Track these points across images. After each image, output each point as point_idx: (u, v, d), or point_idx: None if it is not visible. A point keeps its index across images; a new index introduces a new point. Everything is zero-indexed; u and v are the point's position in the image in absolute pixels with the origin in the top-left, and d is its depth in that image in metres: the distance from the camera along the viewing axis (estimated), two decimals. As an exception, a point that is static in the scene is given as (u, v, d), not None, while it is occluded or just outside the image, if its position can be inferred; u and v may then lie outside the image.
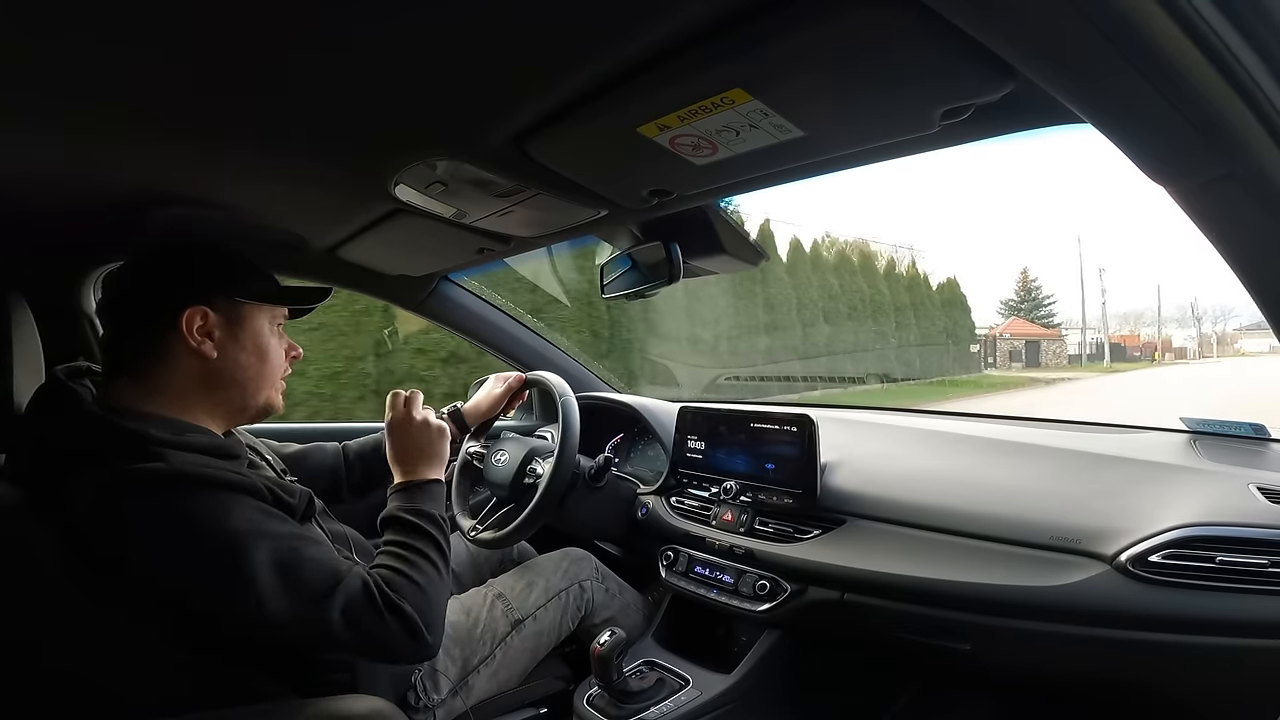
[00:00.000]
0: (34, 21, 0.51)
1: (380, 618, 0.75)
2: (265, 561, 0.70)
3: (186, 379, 0.79)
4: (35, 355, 0.86)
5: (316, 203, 1.01)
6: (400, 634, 0.76)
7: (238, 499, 0.73)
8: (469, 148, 0.78)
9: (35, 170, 0.83)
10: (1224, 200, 0.52)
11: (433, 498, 0.92)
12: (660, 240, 1.12)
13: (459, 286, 1.59)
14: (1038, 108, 0.62)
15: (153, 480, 0.69)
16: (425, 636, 0.78)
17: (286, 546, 0.73)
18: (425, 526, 0.87)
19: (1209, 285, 49.88)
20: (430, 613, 0.79)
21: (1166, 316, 42.74)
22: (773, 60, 0.55)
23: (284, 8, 0.51)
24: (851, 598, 1.03)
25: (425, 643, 0.78)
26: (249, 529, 0.71)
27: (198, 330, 0.79)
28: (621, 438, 1.39)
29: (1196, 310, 29.04)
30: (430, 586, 0.81)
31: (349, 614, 0.73)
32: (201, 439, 0.77)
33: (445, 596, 0.85)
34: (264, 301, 0.86)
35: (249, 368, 0.84)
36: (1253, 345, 28.90)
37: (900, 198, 49.80)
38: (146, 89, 0.63)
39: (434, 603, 0.81)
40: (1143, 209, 55.04)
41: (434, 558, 0.84)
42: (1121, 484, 0.97)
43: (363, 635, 0.74)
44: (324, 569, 0.75)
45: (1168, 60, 0.41)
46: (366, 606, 0.74)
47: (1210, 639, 0.80)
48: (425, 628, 0.78)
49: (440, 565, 0.85)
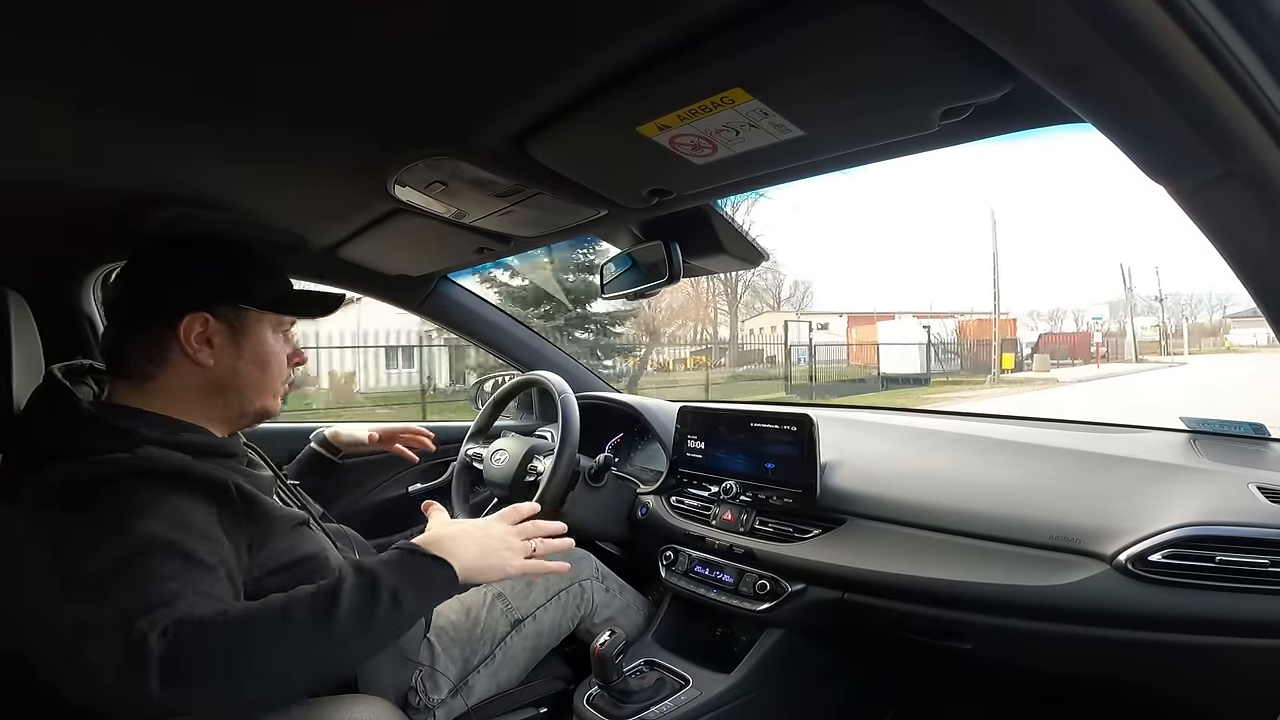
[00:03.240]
0: (35, 21, 0.51)
1: (103, 644, 0.56)
2: (121, 556, 0.60)
3: (184, 383, 0.78)
4: (35, 355, 0.86)
5: (316, 202, 1.01)
6: (110, 667, 0.55)
7: (183, 499, 0.67)
8: (469, 147, 0.78)
9: (35, 170, 0.83)
10: (1223, 199, 0.52)
11: (414, 572, 0.71)
12: (660, 240, 1.12)
13: (459, 286, 1.59)
14: (1037, 108, 0.62)
15: (96, 474, 0.66)
16: (148, 681, 0.54)
17: (161, 549, 0.62)
18: (344, 579, 0.66)
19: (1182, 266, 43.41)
20: (201, 657, 0.57)
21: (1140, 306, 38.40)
22: (773, 60, 0.56)
23: (284, 8, 0.51)
24: (852, 597, 1.03)
25: (143, 690, 0.54)
26: (153, 532, 0.62)
27: (196, 338, 0.77)
28: (621, 437, 1.39)
29: (1129, 281, 22.24)
30: (240, 629, 0.59)
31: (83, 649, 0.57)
32: (195, 438, 0.76)
33: (270, 655, 0.60)
34: (269, 310, 0.83)
35: (246, 376, 0.82)
36: (1247, 338, 24.79)
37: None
38: (147, 89, 0.63)
39: (222, 649, 0.58)
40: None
41: (297, 608, 0.62)
42: (1121, 483, 0.97)
43: (77, 670, 0.57)
44: (169, 586, 0.59)
45: (1167, 60, 0.41)
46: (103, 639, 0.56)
47: (1210, 639, 0.80)
48: (163, 672, 0.54)
49: (302, 621, 0.62)
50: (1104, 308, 27.16)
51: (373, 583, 0.66)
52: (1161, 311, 24.75)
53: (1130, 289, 22.88)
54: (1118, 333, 24.37)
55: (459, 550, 0.74)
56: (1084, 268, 52.63)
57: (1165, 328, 24.73)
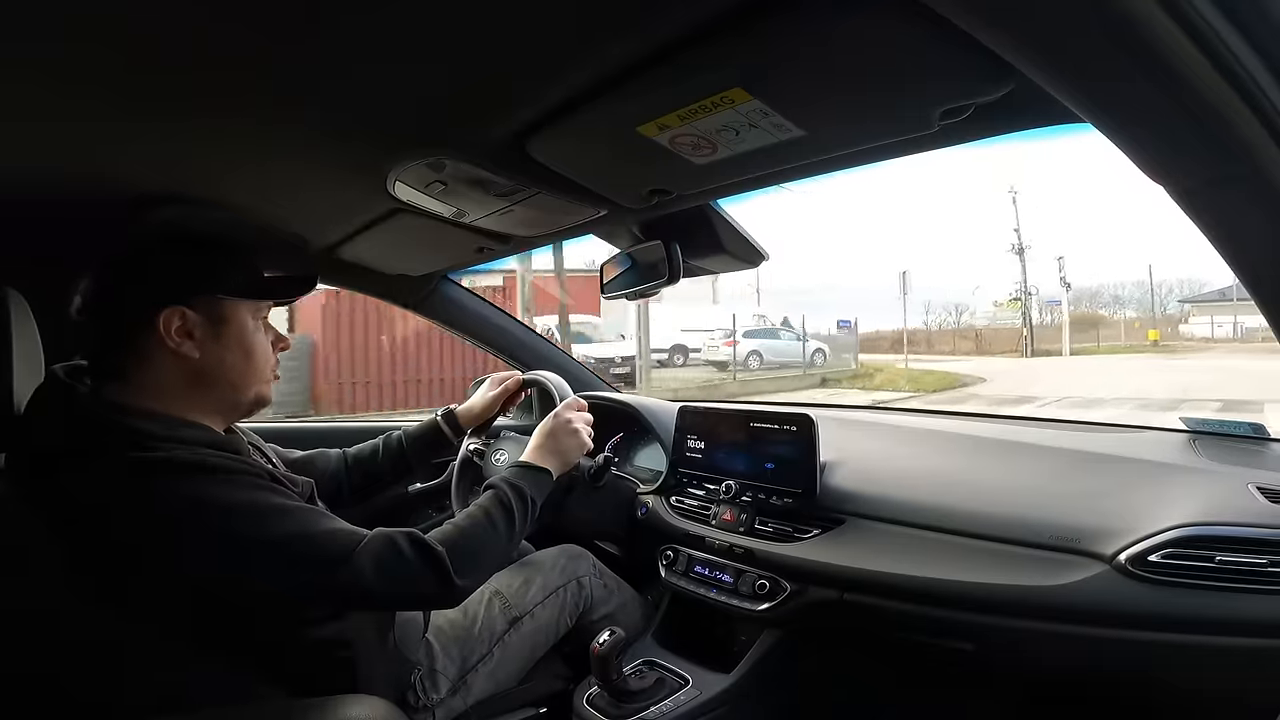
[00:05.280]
0: (35, 19, 0.51)
1: (406, 561, 0.78)
2: (288, 529, 0.73)
3: (172, 379, 0.78)
4: (35, 354, 0.86)
5: (316, 201, 1.01)
6: (425, 577, 0.79)
7: (243, 480, 0.74)
8: (469, 147, 0.78)
9: (36, 169, 0.83)
10: (1224, 201, 0.52)
11: (534, 481, 0.98)
12: (660, 240, 1.12)
13: (459, 286, 1.59)
14: (1037, 108, 0.62)
15: (160, 467, 0.69)
16: (453, 578, 0.80)
17: (302, 515, 0.76)
18: (504, 492, 0.92)
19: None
20: (465, 557, 0.82)
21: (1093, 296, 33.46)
22: (772, 59, 0.55)
23: (284, 6, 0.51)
24: (851, 597, 1.03)
25: (453, 584, 0.80)
26: (264, 504, 0.73)
27: (176, 331, 0.77)
28: (621, 437, 1.38)
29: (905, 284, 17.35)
30: (474, 536, 0.86)
31: (378, 564, 0.76)
32: (199, 434, 0.76)
33: (494, 551, 0.89)
34: (246, 297, 0.83)
35: (235, 366, 0.82)
36: (1203, 328, 23.08)
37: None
38: (147, 87, 0.63)
39: (473, 550, 0.84)
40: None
41: (495, 517, 0.89)
42: (1121, 483, 0.97)
43: (392, 582, 0.77)
44: (344, 530, 0.77)
45: (1168, 60, 0.41)
46: (392, 552, 0.77)
47: (1209, 638, 0.80)
48: (454, 570, 0.80)
49: (500, 525, 0.89)
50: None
51: (522, 494, 0.94)
52: (1065, 302, 22.69)
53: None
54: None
55: (547, 458, 1.02)
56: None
57: (1029, 316, 22.89)
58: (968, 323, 29.55)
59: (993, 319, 26.49)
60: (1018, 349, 22.18)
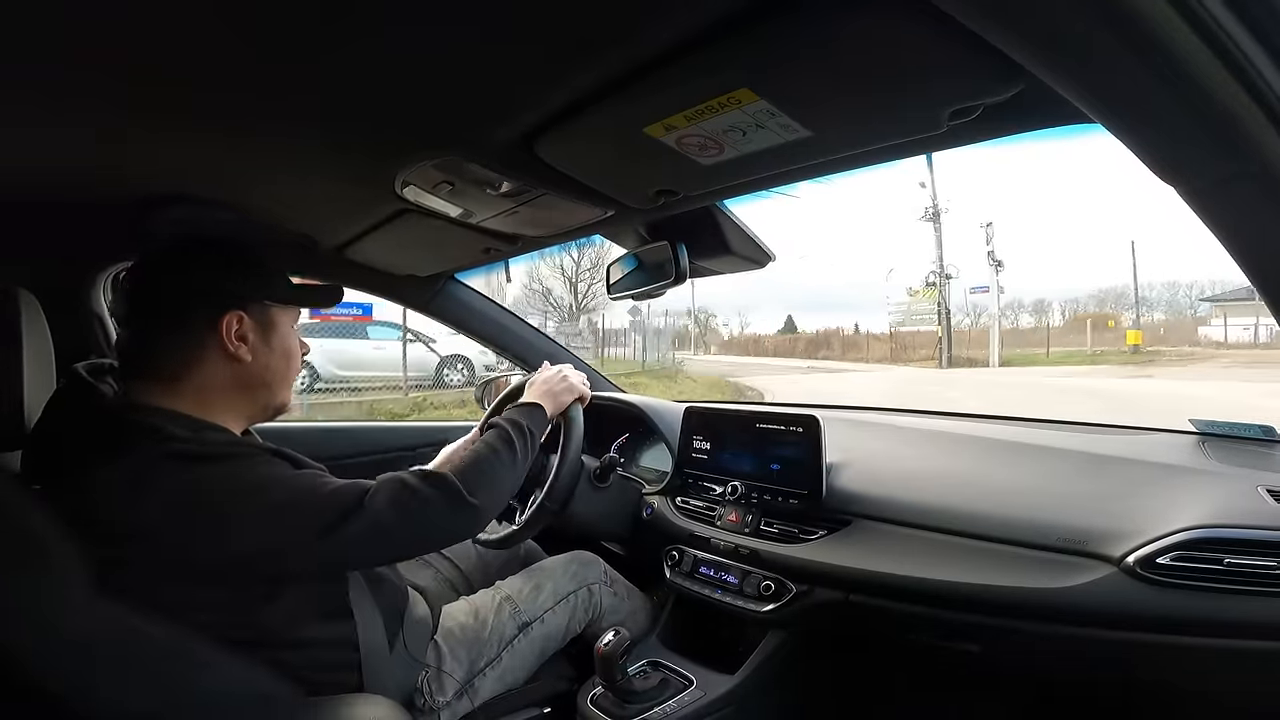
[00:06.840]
0: (44, 24, 0.52)
1: (417, 493, 0.80)
2: (303, 484, 0.76)
3: (216, 381, 0.79)
4: (46, 353, 0.87)
5: (324, 202, 1.01)
6: (439, 500, 0.82)
7: (263, 459, 0.77)
8: (476, 148, 0.79)
9: (47, 171, 0.84)
10: (1235, 200, 0.52)
11: (529, 415, 1.05)
12: (667, 240, 1.12)
13: (466, 286, 1.60)
14: (1047, 108, 0.61)
15: (196, 456, 0.71)
16: (466, 498, 0.83)
17: (313, 474, 0.79)
18: (503, 427, 0.98)
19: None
20: (473, 477, 0.86)
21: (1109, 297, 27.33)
22: (780, 60, 0.55)
23: (292, 10, 0.52)
24: (857, 599, 1.03)
25: (467, 504, 0.83)
26: (277, 474, 0.76)
27: (235, 335, 0.79)
28: (627, 438, 1.38)
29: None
30: (479, 461, 0.90)
31: (393, 501, 0.78)
32: (219, 435, 0.78)
33: (502, 475, 0.93)
34: (291, 304, 0.87)
35: (277, 370, 0.85)
36: (1217, 332, 19.45)
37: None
38: (156, 90, 0.63)
39: (480, 471, 0.88)
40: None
41: (497, 446, 0.94)
42: (1129, 485, 0.96)
43: (408, 515, 0.79)
44: (354, 482, 0.80)
45: (1178, 60, 0.41)
46: (402, 487, 0.80)
47: (1218, 641, 0.79)
48: (466, 491, 0.83)
49: (503, 452, 0.94)
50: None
51: (519, 425, 1.00)
52: (995, 289, 17.63)
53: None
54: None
55: (541, 398, 1.10)
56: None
57: (946, 310, 18.26)
58: (899, 320, 21.23)
59: (906, 313, 20.27)
60: (933, 356, 18.47)
